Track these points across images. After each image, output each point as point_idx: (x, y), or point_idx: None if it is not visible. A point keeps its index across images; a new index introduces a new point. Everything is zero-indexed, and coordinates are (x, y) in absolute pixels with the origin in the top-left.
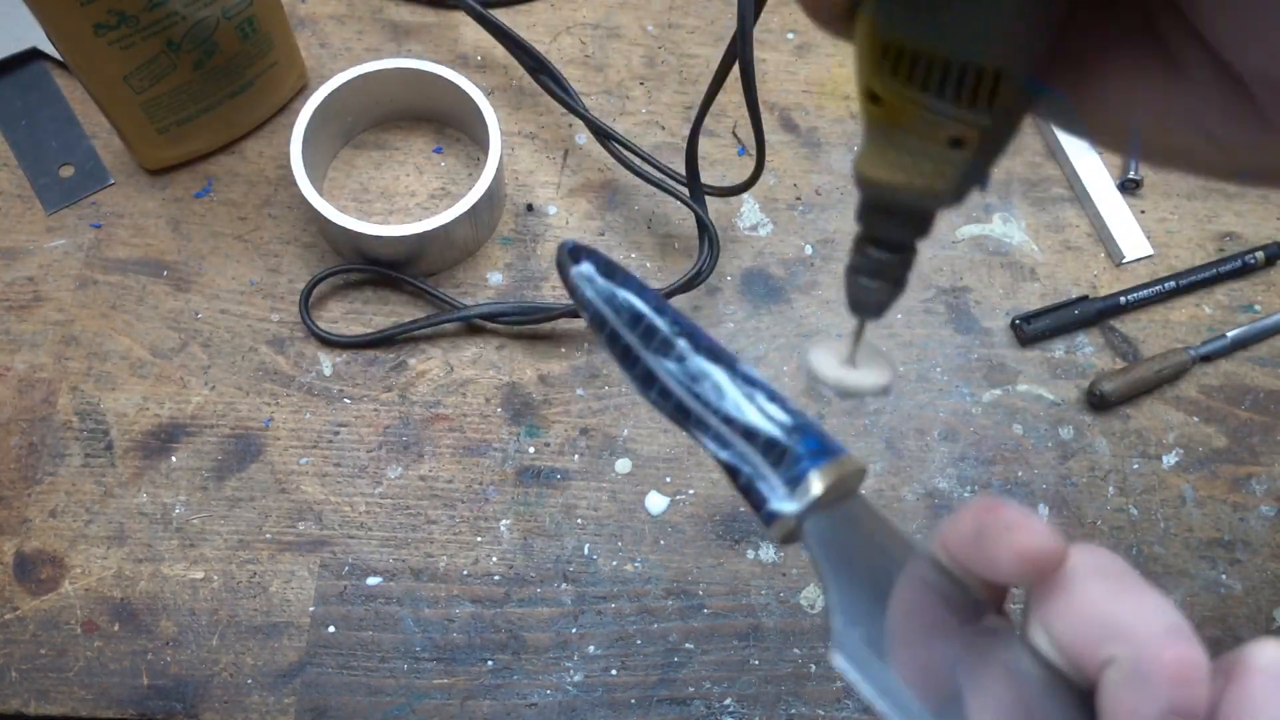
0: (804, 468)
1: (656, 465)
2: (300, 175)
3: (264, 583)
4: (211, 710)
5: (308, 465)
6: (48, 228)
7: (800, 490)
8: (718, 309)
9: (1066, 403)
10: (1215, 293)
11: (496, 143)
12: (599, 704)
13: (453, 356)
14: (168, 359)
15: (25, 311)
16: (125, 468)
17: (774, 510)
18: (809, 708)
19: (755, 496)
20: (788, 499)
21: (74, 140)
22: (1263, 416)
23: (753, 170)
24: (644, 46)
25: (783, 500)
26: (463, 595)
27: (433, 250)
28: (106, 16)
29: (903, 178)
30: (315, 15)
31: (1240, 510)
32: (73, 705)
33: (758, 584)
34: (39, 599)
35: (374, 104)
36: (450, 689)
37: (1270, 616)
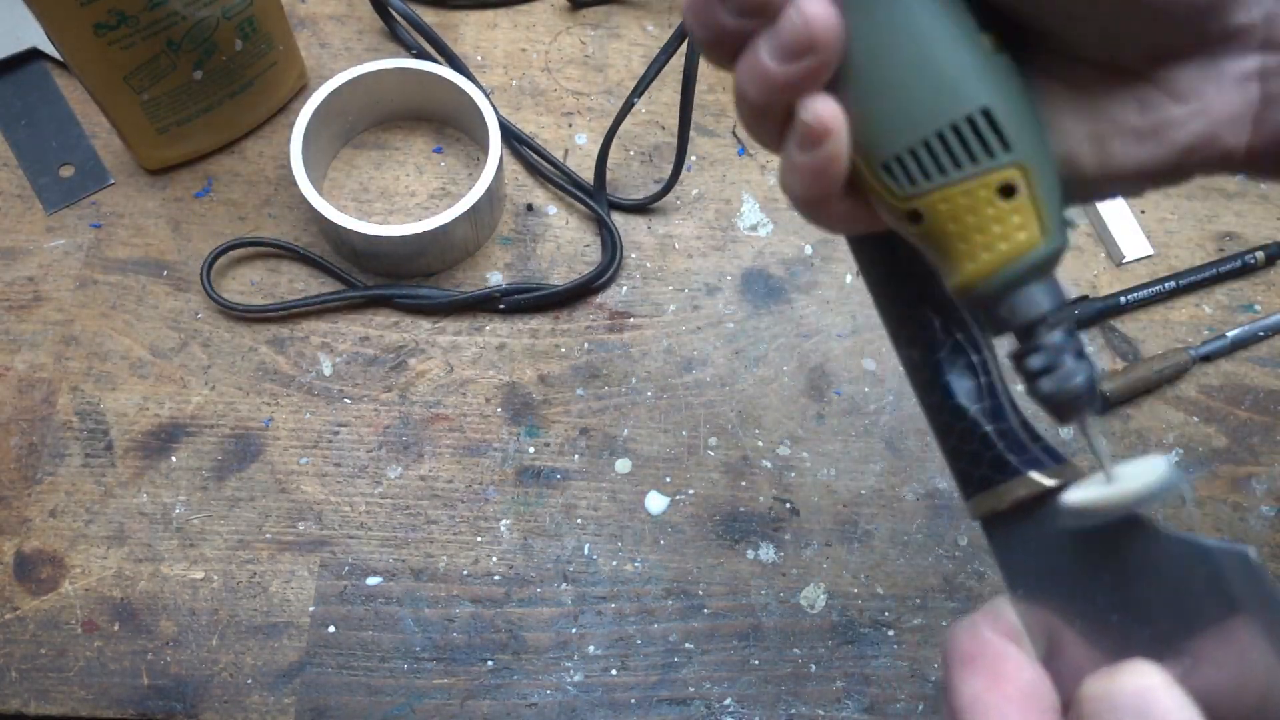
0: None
1: (656, 465)
2: (300, 175)
3: (264, 583)
4: (211, 710)
5: (308, 465)
6: (48, 228)
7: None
8: (718, 309)
9: None
10: (1215, 293)
11: (496, 143)
12: (599, 704)
13: (453, 356)
14: (168, 359)
15: (25, 311)
16: (125, 468)
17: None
18: (809, 708)
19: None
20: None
21: (74, 140)
22: (1263, 416)
23: (665, 182)
24: (644, 46)
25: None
26: (463, 595)
27: (433, 250)
28: (106, 16)
29: (990, 257)
30: (315, 15)
31: (1240, 510)
32: (73, 705)
33: (758, 584)
34: (39, 599)
35: (374, 104)
36: (450, 689)
37: None
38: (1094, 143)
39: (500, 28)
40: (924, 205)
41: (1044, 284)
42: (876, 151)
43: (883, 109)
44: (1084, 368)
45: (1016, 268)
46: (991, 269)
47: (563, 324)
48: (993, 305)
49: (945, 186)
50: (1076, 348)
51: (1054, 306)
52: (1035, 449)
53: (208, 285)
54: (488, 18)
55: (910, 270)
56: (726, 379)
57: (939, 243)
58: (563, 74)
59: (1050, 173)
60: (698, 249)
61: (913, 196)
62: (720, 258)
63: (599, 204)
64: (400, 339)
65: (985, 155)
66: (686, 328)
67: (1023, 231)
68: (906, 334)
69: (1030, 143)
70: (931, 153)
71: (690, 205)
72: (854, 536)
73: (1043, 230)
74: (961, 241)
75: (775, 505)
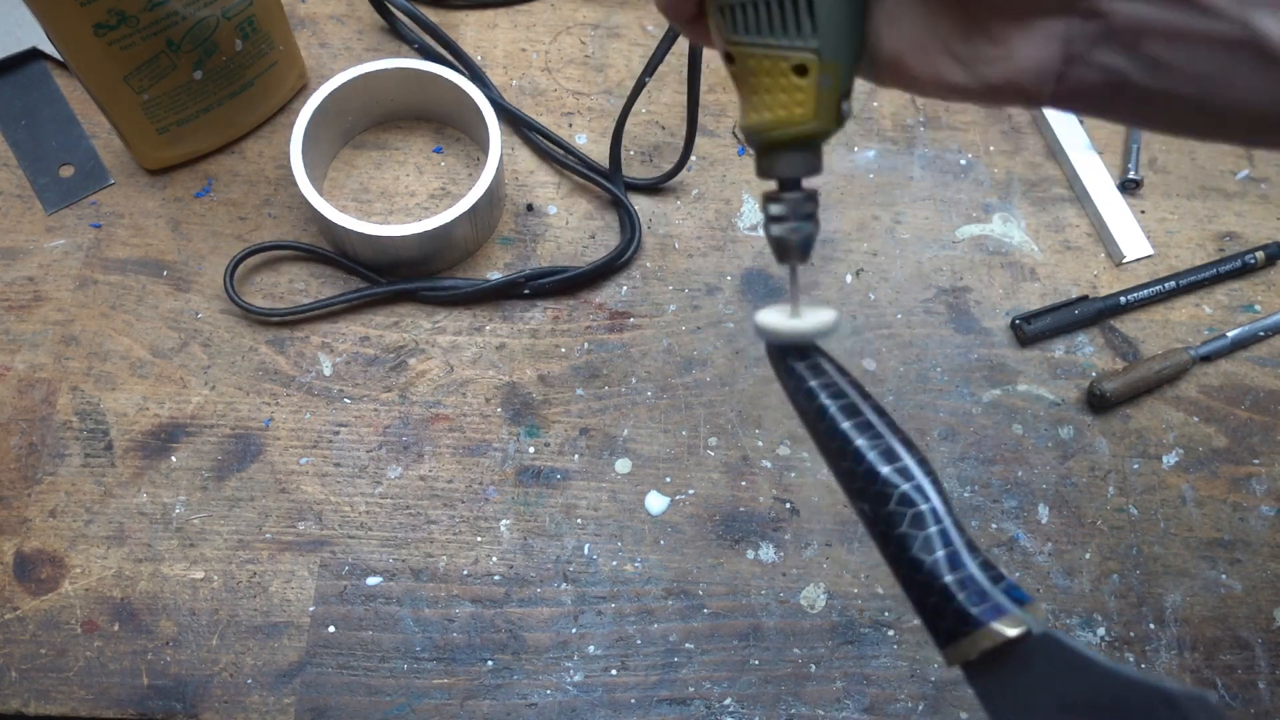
0: (1017, 594)
1: (656, 465)
2: (300, 175)
3: (264, 583)
4: (211, 710)
5: (308, 465)
6: (48, 228)
7: (1030, 609)
8: (718, 309)
9: (1066, 403)
10: (1215, 293)
11: (496, 143)
12: (599, 704)
13: (453, 356)
14: (168, 359)
15: (25, 311)
16: (125, 468)
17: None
18: (809, 708)
19: (961, 593)
20: (1007, 609)
21: (74, 140)
22: (1263, 416)
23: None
24: (644, 46)
25: (1007, 617)
26: (463, 595)
27: (433, 250)
28: (106, 16)
29: (769, 115)
30: (315, 15)
31: (1240, 510)
32: (73, 705)
33: (758, 584)
34: (39, 599)
35: (374, 104)
36: (450, 689)
37: (1270, 616)
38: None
39: (500, 28)
40: (736, 52)
41: (804, 153)
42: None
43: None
44: (807, 228)
45: (784, 133)
46: (766, 125)
47: (563, 324)
48: (760, 154)
49: (754, 45)
50: (809, 211)
51: (804, 173)
52: (997, 593)
53: (231, 291)
54: (488, 18)
55: (854, 421)
56: (726, 379)
57: (741, 85)
58: (563, 74)
59: (842, 67)
60: (698, 249)
61: (731, 41)
62: (720, 258)
63: (615, 185)
64: (400, 339)
65: (795, 33)
66: (686, 328)
67: (800, 108)
68: (855, 486)
69: (834, 37)
70: (755, 11)
71: (690, 205)
72: (854, 536)
73: (816, 113)
74: (754, 93)
75: (775, 505)
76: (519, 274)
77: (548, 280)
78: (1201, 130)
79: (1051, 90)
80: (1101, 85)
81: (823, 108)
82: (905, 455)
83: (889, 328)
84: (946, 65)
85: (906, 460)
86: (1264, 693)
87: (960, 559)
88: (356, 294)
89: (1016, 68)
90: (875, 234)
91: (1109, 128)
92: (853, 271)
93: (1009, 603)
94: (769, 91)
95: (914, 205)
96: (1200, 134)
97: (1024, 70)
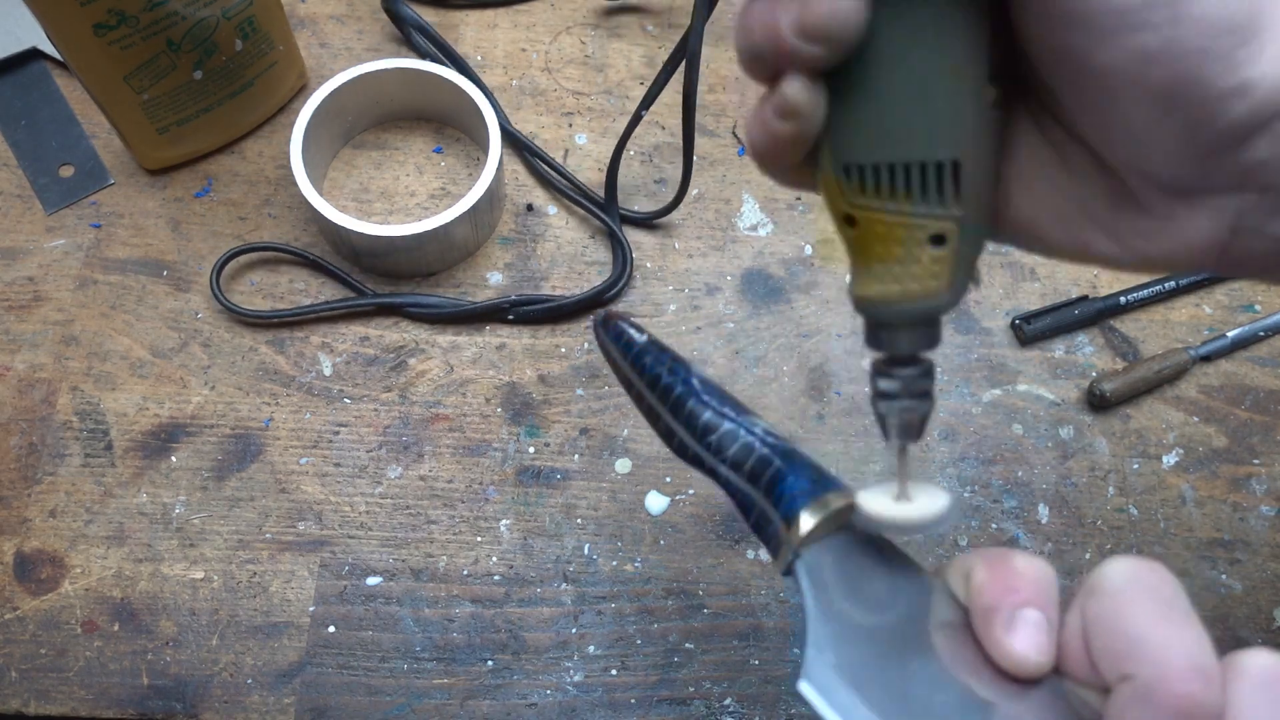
0: (795, 505)
1: (656, 465)
2: (300, 175)
3: (264, 583)
4: (211, 710)
5: (308, 465)
6: (48, 228)
7: (792, 528)
8: (718, 309)
9: (1066, 403)
10: (1215, 293)
11: (496, 143)
12: (599, 704)
13: (453, 356)
14: (168, 359)
15: (25, 311)
16: (125, 468)
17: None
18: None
19: (763, 534)
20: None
21: (74, 140)
22: (1263, 416)
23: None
24: (644, 46)
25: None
26: (463, 595)
27: (432, 250)
28: (106, 16)
29: (898, 288)
30: (315, 15)
31: (1240, 510)
32: (73, 705)
33: (758, 584)
34: (39, 599)
35: (374, 104)
36: (450, 689)
37: (1270, 616)
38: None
39: (500, 28)
40: (863, 216)
41: (926, 329)
42: (843, 150)
43: (865, 117)
44: (920, 408)
45: (911, 309)
46: (890, 298)
47: (563, 324)
48: (875, 325)
49: (888, 211)
50: (924, 389)
51: (923, 349)
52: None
53: (217, 290)
54: (488, 18)
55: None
56: (726, 379)
57: (861, 251)
58: (563, 74)
59: (982, 237)
60: (698, 249)
61: (857, 204)
62: (720, 258)
63: (611, 217)
64: (400, 339)
65: (936, 201)
66: (686, 328)
67: (934, 280)
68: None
69: (979, 205)
70: (891, 176)
71: (690, 205)
72: None
73: (950, 285)
74: (879, 261)
75: None
76: (504, 299)
77: (532, 309)
78: None
79: (1216, 260)
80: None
81: (957, 281)
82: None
83: None
84: (1093, 236)
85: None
86: None
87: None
88: (341, 304)
89: (1179, 243)
90: None
91: None
92: None
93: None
94: (899, 262)
95: None
96: None
97: (1188, 246)
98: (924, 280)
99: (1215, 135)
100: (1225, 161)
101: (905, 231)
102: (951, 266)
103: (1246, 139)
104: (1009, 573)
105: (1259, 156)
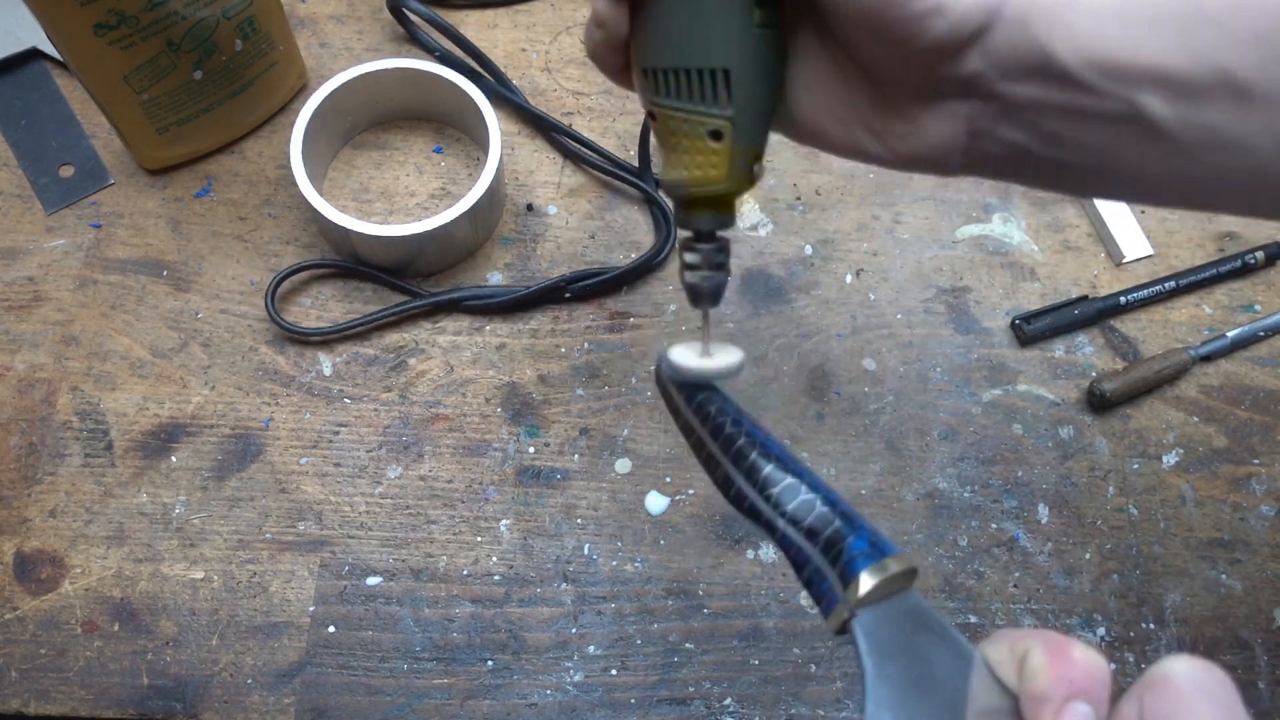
0: (856, 566)
1: (656, 465)
2: (300, 175)
3: (264, 583)
4: (211, 710)
5: (308, 465)
6: (48, 228)
7: (851, 588)
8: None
9: (1066, 403)
10: (1215, 293)
11: (496, 143)
12: (599, 704)
13: (453, 356)
14: (168, 359)
15: (25, 311)
16: (125, 468)
17: (830, 603)
18: (809, 708)
19: (815, 590)
20: (840, 594)
21: (74, 140)
22: (1263, 416)
23: None
24: None
25: (837, 595)
26: (463, 595)
27: (433, 250)
28: (106, 16)
29: (686, 174)
30: (315, 15)
31: (1240, 510)
32: (73, 705)
33: (758, 584)
34: (39, 599)
35: (374, 104)
36: (450, 689)
37: (1270, 616)
38: (836, 121)
39: (500, 28)
40: (659, 112)
41: (717, 208)
42: (641, 57)
43: (654, 28)
44: (718, 277)
45: (696, 192)
46: (681, 183)
47: (563, 324)
48: (677, 206)
49: (674, 109)
50: (720, 261)
51: (716, 227)
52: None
53: (273, 312)
54: (488, 18)
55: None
56: None
57: (661, 141)
58: (563, 74)
59: (755, 133)
60: None
61: (655, 102)
62: None
63: (647, 183)
64: (400, 339)
65: (712, 102)
66: (686, 328)
67: (714, 169)
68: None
69: (750, 108)
70: (675, 79)
71: None
72: None
73: (729, 175)
74: (673, 151)
75: None
76: (560, 279)
77: (590, 283)
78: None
79: (960, 161)
80: (1006, 157)
81: (735, 170)
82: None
83: (889, 328)
84: (861, 136)
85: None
86: (1264, 693)
87: (846, 507)
88: (399, 308)
89: (925, 143)
90: (875, 234)
91: None
92: (853, 271)
93: (891, 546)
94: (686, 152)
95: (914, 205)
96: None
97: (932, 145)
98: (706, 169)
99: (925, 51)
100: (944, 72)
101: (689, 126)
102: (728, 158)
103: (956, 53)
104: (1066, 662)
105: (973, 68)
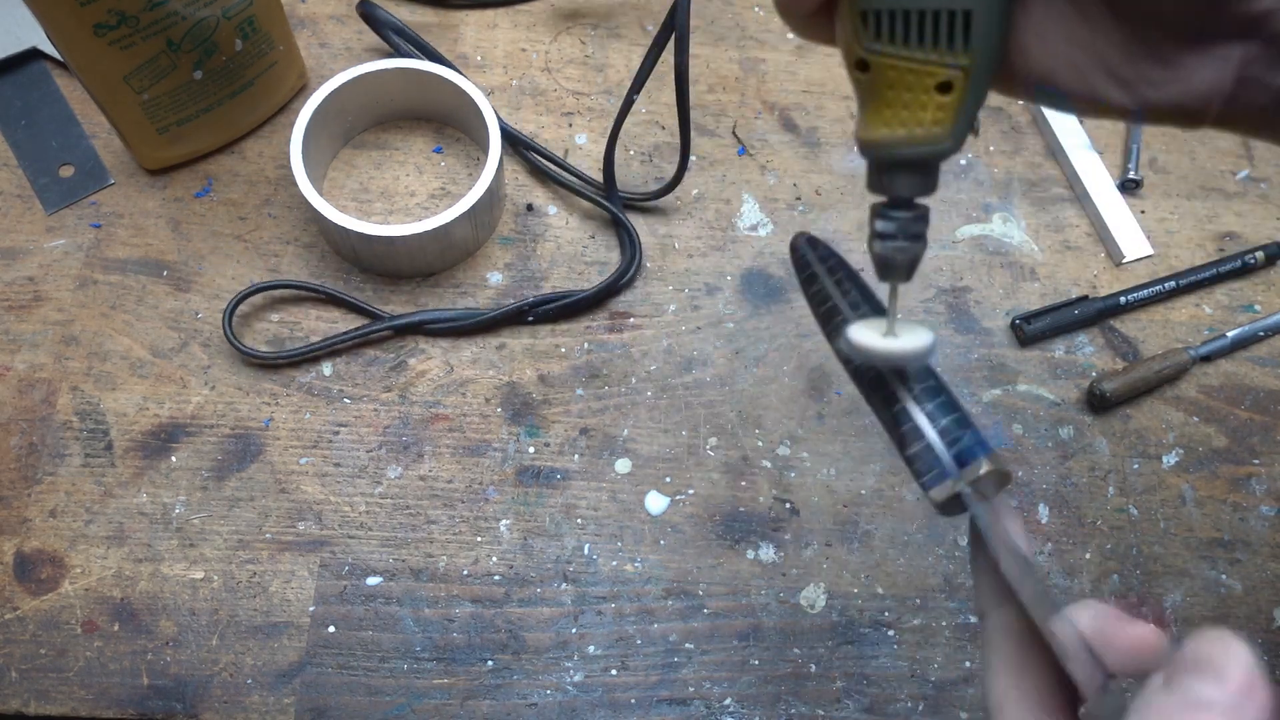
0: (975, 452)
1: (656, 465)
2: (300, 175)
3: (264, 583)
4: (211, 710)
5: (308, 465)
6: (48, 228)
7: (971, 467)
8: (718, 309)
9: (1066, 403)
10: (1215, 293)
11: (496, 143)
12: (599, 704)
13: (453, 356)
14: (168, 359)
15: (25, 311)
16: (125, 468)
17: (940, 477)
18: (809, 708)
19: (921, 464)
20: (956, 471)
21: (74, 140)
22: (1263, 416)
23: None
24: (644, 46)
25: (951, 471)
26: (463, 595)
27: (432, 250)
28: (106, 16)
29: (903, 131)
30: (315, 15)
31: (1240, 510)
32: (73, 705)
33: (758, 584)
34: (39, 599)
35: (374, 104)
36: (450, 689)
37: (1270, 616)
38: (1072, 69)
39: (500, 28)
40: (875, 61)
41: (925, 173)
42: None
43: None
44: (915, 248)
45: (914, 152)
46: (895, 141)
47: (562, 324)
48: (878, 168)
49: (899, 56)
50: (918, 231)
51: (921, 193)
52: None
53: (230, 334)
54: (488, 18)
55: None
56: (726, 379)
57: (871, 95)
58: (563, 74)
59: (985, 87)
60: (698, 249)
61: (872, 50)
62: (720, 258)
63: (614, 204)
64: (400, 339)
65: (947, 50)
66: (686, 328)
67: (938, 127)
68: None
69: (986, 56)
70: (905, 23)
71: (690, 205)
72: (854, 536)
73: (952, 133)
74: (887, 106)
75: (775, 505)
76: (523, 302)
77: (552, 306)
78: None
79: (1219, 111)
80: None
81: (959, 128)
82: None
83: None
84: (1102, 84)
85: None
86: None
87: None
88: (360, 332)
89: (1186, 90)
90: None
91: (1109, 127)
92: None
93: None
94: (906, 107)
95: None
96: None
97: (1194, 94)
98: (928, 126)
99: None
100: (1231, 7)
101: (914, 78)
102: (955, 114)
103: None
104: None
105: (1264, 5)
